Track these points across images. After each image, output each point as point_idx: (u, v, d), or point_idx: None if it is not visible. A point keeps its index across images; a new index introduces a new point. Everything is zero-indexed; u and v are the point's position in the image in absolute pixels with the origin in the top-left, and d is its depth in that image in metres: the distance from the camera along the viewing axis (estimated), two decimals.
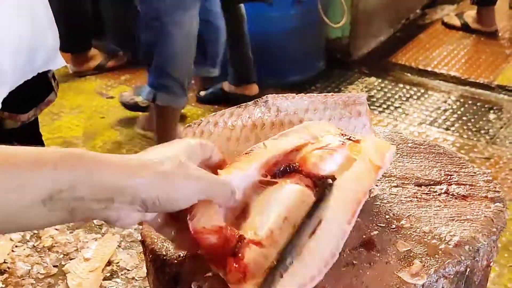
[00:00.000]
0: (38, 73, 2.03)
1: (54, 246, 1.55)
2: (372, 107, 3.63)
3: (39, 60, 1.96)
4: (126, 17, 4.13)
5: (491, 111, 3.49)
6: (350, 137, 0.92)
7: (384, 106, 3.65)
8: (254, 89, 3.62)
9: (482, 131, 3.34)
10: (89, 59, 4.05)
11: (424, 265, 0.83)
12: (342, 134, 0.92)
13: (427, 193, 0.97)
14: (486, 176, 1.00)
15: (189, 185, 0.78)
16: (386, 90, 3.80)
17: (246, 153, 0.88)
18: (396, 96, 3.73)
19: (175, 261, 0.86)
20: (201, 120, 1.01)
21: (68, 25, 3.92)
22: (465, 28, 4.27)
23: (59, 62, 2.09)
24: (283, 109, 1.01)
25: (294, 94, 1.02)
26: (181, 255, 0.87)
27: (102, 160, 0.75)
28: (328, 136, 0.91)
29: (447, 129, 3.37)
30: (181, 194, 0.78)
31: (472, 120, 3.45)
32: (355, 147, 0.89)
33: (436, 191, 0.98)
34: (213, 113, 1.02)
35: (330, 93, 1.01)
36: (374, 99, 3.71)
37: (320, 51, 4.00)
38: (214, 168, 0.86)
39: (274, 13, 3.67)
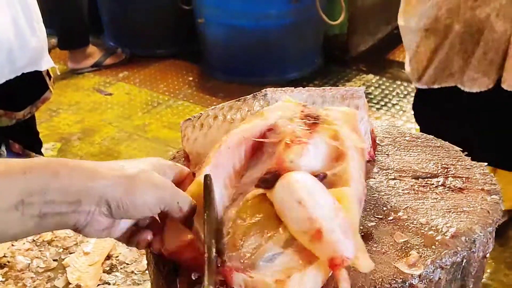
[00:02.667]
0: (31, 71, 2.04)
1: (54, 240, 1.56)
2: (370, 104, 3.64)
3: (20, 61, 1.96)
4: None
5: None
6: (313, 116, 0.90)
7: (382, 103, 3.66)
8: None
9: None
10: (87, 56, 4.05)
11: (421, 255, 0.84)
12: (303, 115, 0.90)
13: (424, 186, 0.98)
14: (483, 169, 1.02)
15: (152, 191, 0.80)
16: (383, 87, 3.81)
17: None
18: (394, 93, 3.73)
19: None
20: (200, 113, 1.02)
21: (66, 23, 3.92)
22: None
23: (45, 64, 2.08)
24: None
25: (293, 87, 1.03)
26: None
27: (69, 164, 0.77)
28: (289, 124, 0.89)
29: None
30: (144, 199, 0.79)
31: None
32: (328, 131, 0.88)
33: (433, 184, 0.99)
34: (213, 107, 1.02)
35: (329, 87, 1.01)
36: (372, 96, 3.71)
37: (318, 48, 4.01)
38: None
39: (272, 10, 3.67)
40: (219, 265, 0.76)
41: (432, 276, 0.83)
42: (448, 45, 2.04)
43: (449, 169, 1.02)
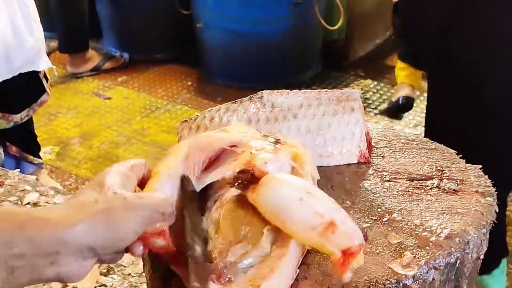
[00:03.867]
0: (28, 73, 2.04)
1: None
2: (368, 109, 3.65)
3: (17, 61, 1.97)
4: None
5: None
6: (274, 139, 0.88)
7: (380, 108, 3.67)
8: None
9: None
10: (86, 60, 4.06)
11: (415, 256, 0.85)
12: (264, 136, 0.89)
13: (418, 188, 0.99)
14: (477, 172, 1.02)
15: (132, 217, 0.73)
16: (382, 92, 3.82)
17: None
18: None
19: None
20: (197, 115, 1.03)
21: (67, 26, 3.94)
22: None
23: (43, 64, 2.08)
24: (277, 105, 1.03)
25: (289, 90, 1.04)
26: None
27: (34, 213, 0.71)
28: (255, 140, 0.87)
29: None
30: (127, 229, 0.72)
31: None
32: (290, 151, 0.87)
33: (427, 186, 0.99)
34: (209, 109, 1.03)
35: (324, 90, 1.02)
36: (370, 101, 3.72)
37: (317, 53, 4.02)
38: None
39: (271, 15, 3.69)
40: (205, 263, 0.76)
41: (426, 277, 0.83)
42: None
43: (443, 171, 1.02)
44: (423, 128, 3.40)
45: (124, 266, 1.48)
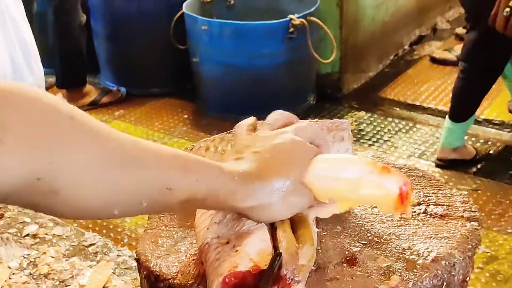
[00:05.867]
0: None
1: (50, 273, 1.59)
2: (362, 141, 3.70)
3: None
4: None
5: (478, 144, 3.56)
6: None
7: (374, 139, 3.71)
8: None
9: (470, 163, 3.40)
10: (84, 95, 4.11)
11: (403, 279, 0.88)
12: None
13: None
14: (463, 197, 1.06)
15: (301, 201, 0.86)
16: (375, 124, 3.87)
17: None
18: (385, 130, 3.80)
19: (168, 276, 0.91)
20: (192, 145, 1.07)
21: (65, 63, 3.99)
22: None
23: None
24: None
25: None
26: (174, 271, 0.92)
27: (231, 181, 0.81)
28: None
29: (435, 161, 3.44)
30: (290, 212, 0.86)
31: None
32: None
33: (415, 211, 1.03)
34: (204, 139, 1.07)
35: (315, 119, 1.06)
36: (364, 133, 3.78)
37: (311, 86, 4.08)
38: None
39: (265, 50, 3.76)
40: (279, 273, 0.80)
41: None
42: None
43: (430, 197, 1.06)
44: (416, 159, 3.46)
45: None
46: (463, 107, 3.29)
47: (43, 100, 0.70)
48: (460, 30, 4.62)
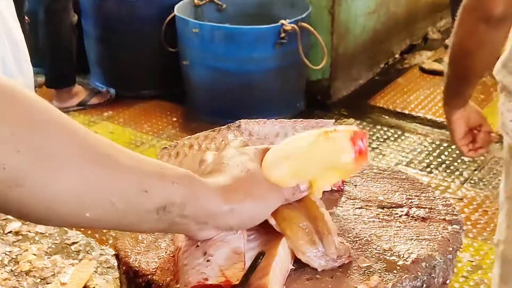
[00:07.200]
0: None
1: (32, 270, 1.58)
2: None
3: None
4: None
5: None
6: None
7: None
8: None
9: (457, 173, 3.41)
10: (73, 95, 4.09)
11: (382, 279, 0.88)
12: None
13: (388, 215, 1.03)
14: (445, 201, 1.06)
15: (273, 197, 0.87)
16: (364, 131, 3.88)
17: None
18: (374, 138, 3.80)
19: (147, 272, 0.91)
20: (176, 142, 1.07)
21: (54, 63, 3.98)
22: None
23: None
24: (255, 133, 1.07)
25: (266, 119, 1.08)
26: (153, 267, 0.91)
27: (207, 184, 0.82)
28: None
29: (422, 170, 3.45)
30: (267, 210, 0.87)
31: (447, 162, 3.53)
32: None
33: (397, 213, 1.03)
34: (188, 136, 1.07)
35: (300, 119, 1.07)
36: None
37: (301, 92, 4.08)
38: None
39: (255, 54, 3.76)
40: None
41: None
42: None
43: (413, 200, 1.06)
44: (404, 167, 3.46)
45: None
46: None
47: (23, 93, 0.70)
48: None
